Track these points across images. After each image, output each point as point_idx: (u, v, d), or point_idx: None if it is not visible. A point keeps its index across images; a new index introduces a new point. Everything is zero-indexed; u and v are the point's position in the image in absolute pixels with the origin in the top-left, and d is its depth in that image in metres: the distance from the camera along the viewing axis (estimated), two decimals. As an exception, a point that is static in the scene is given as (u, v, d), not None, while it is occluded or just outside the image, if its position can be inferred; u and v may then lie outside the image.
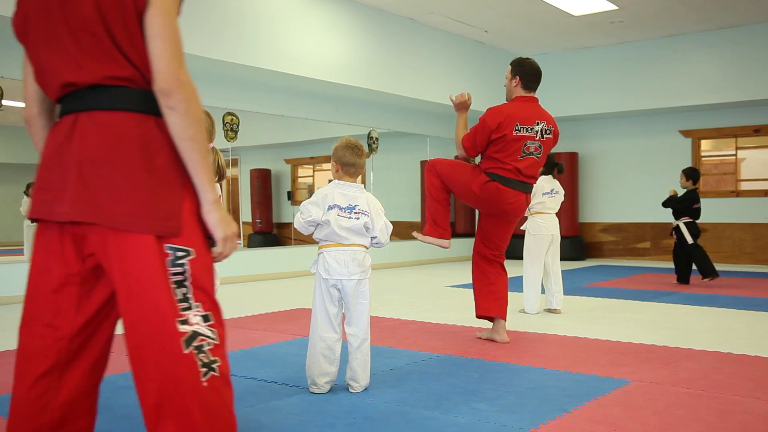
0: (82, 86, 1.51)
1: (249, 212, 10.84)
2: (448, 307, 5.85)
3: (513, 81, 4.25)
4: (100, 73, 1.50)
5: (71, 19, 1.49)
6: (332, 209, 3.04)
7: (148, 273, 1.48)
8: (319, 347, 3.06)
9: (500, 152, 4.08)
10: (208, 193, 1.56)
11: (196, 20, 7.03)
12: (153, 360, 1.51)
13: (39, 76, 1.59)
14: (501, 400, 2.97)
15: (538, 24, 9.85)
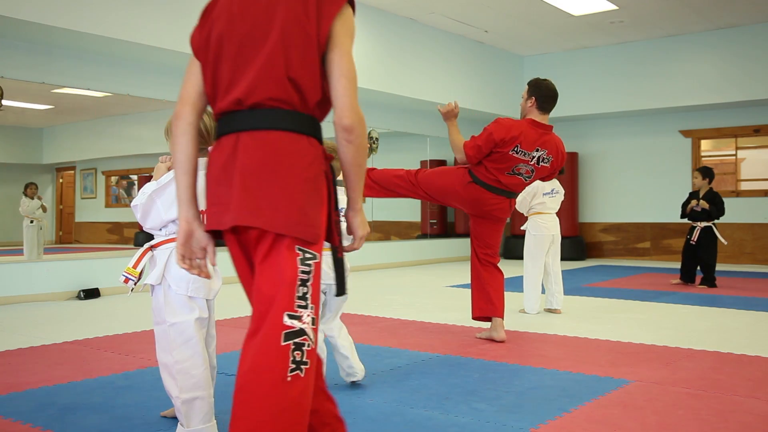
0: (248, 106, 1.69)
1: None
2: (448, 307, 5.85)
3: (529, 101, 4.29)
4: (266, 95, 1.67)
5: (258, 45, 1.69)
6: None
7: (281, 267, 1.65)
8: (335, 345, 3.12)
9: (492, 162, 4.18)
10: (358, 203, 1.82)
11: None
12: (255, 344, 1.67)
13: (211, 89, 1.75)
14: (501, 400, 2.97)
15: (538, 24, 9.85)
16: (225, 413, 2.76)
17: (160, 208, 2.34)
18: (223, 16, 1.75)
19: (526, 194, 5.58)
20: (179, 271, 2.33)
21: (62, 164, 9.93)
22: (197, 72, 1.78)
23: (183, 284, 2.34)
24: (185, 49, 6.92)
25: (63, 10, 6.00)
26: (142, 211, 2.37)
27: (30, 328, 4.96)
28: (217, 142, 1.76)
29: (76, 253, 9.03)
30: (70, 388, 3.20)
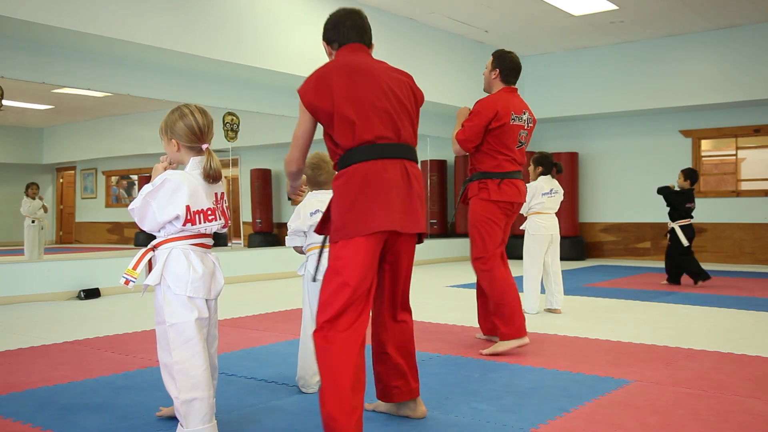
0: (398, 141, 2.47)
1: (249, 212, 10.84)
2: (448, 307, 5.84)
3: (493, 73, 4.15)
4: (409, 137, 2.54)
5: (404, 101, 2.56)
6: (315, 214, 3.08)
7: (412, 256, 2.60)
8: (312, 348, 3.07)
9: (500, 144, 3.99)
10: None
11: (196, 20, 7.03)
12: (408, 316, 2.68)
13: (349, 128, 2.39)
14: (501, 400, 2.97)
15: (539, 24, 9.85)
16: (226, 413, 2.77)
17: (155, 209, 2.33)
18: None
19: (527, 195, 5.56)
20: (178, 271, 2.34)
21: (62, 164, 9.93)
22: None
23: (182, 284, 2.33)
24: (184, 49, 6.94)
25: (63, 10, 6.00)
26: (139, 214, 2.37)
27: (30, 328, 4.96)
28: (383, 160, 2.41)
29: (76, 253, 9.03)
30: (71, 388, 3.20)
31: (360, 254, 2.34)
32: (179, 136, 2.40)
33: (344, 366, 2.29)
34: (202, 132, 2.41)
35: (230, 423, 2.66)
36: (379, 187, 2.37)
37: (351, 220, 2.35)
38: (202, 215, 2.38)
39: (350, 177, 2.38)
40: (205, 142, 2.43)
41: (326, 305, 2.34)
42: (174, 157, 2.45)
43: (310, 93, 2.42)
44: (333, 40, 2.64)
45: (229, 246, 9.17)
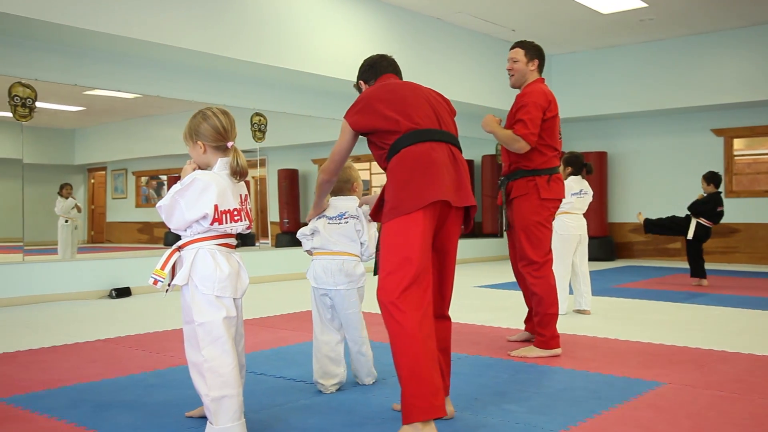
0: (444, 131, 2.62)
1: (276, 212, 10.89)
2: (476, 308, 5.82)
3: (531, 63, 3.99)
4: (452, 128, 2.69)
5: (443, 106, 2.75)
6: (320, 219, 3.14)
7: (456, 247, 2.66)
8: (324, 351, 3.12)
9: (550, 137, 3.88)
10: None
11: (225, 22, 7.09)
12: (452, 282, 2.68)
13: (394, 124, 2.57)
14: (531, 401, 2.95)
15: (567, 23, 9.76)
16: (254, 412, 2.79)
17: (183, 208, 2.36)
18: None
19: None
20: (205, 271, 2.36)
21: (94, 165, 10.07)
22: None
23: (209, 284, 2.36)
24: (213, 50, 7.01)
25: (94, 13, 6.09)
26: (166, 211, 2.40)
27: (64, 326, 5.05)
28: (431, 142, 2.54)
29: (107, 252, 9.16)
30: (103, 386, 3.25)
31: (419, 228, 2.42)
32: (204, 137, 2.43)
33: (420, 347, 2.32)
34: (226, 130, 2.45)
35: (259, 421, 2.68)
36: (430, 164, 2.49)
37: (407, 196, 2.44)
38: (229, 215, 2.41)
39: (401, 158, 2.51)
40: (230, 140, 2.46)
41: (391, 284, 2.37)
42: (200, 160, 2.47)
43: (356, 115, 2.65)
44: (370, 78, 2.96)
45: (256, 246, 9.24)
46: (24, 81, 6.43)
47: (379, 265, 2.46)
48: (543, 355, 3.84)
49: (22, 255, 6.59)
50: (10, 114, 6.40)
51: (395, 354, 2.36)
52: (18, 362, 3.79)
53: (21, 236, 6.67)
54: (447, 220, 2.56)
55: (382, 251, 2.46)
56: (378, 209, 2.64)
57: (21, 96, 6.42)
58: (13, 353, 4.03)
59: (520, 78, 4.04)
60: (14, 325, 5.12)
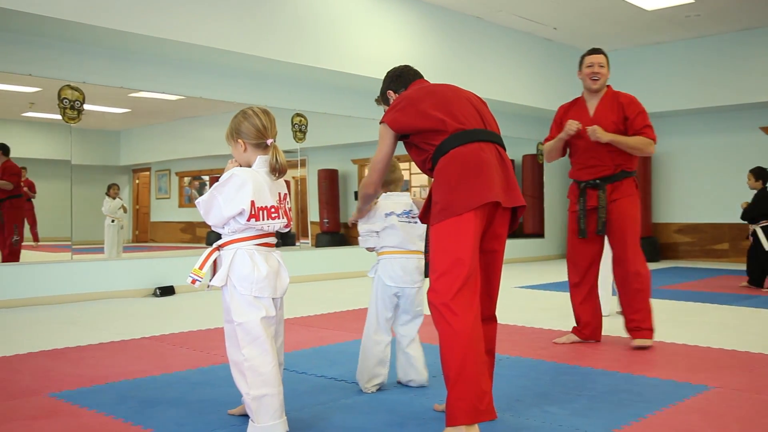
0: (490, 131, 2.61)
1: (317, 212, 10.96)
2: (516, 308, 5.77)
3: (608, 71, 4.21)
4: (496, 128, 2.66)
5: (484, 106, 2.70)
6: (390, 216, 3.11)
7: (504, 248, 2.63)
8: (375, 351, 3.10)
9: None
10: None
11: (265, 24, 7.16)
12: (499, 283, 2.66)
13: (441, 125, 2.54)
14: (573, 403, 2.91)
15: (610, 20, 9.62)
16: (296, 410, 2.81)
17: (221, 203, 2.39)
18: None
19: None
20: (242, 272, 2.38)
21: (138, 165, 10.27)
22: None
23: (247, 285, 2.38)
24: (254, 52, 7.08)
25: (140, 16, 6.21)
26: (205, 207, 2.43)
27: (110, 324, 5.16)
28: (478, 142, 2.52)
29: (151, 251, 9.33)
30: (149, 382, 3.31)
31: (470, 230, 2.41)
32: (245, 135, 2.48)
33: (469, 349, 2.31)
34: (266, 128, 2.50)
35: (302, 420, 2.69)
36: (480, 165, 2.47)
37: (457, 198, 2.43)
38: (266, 212, 2.43)
39: (451, 159, 2.48)
40: (269, 138, 2.50)
41: (443, 285, 2.36)
42: (242, 158, 2.52)
43: (398, 116, 2.61)
44: (399, 87, 2.90)
45: (297, 245, 9.31)
46: (72, 84, 6.59)
47: (430, 267, 2.44)
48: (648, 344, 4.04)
49: (71, 254, 6.76)
50: (60, 116, 6.57)
51: (444, 355, 2.35)
52: (67, 358, 3.89)
53: (69, 235, 6.83)
54: (494, 220, 2.53)
55: (433, 252, 2.44)
56: (426, 211, 2.60)
57: (70, 99, 6.58)
58: (62, 349, 4.14)
59: (604, 82, 4.24)
60: (63, 322, 5.26)
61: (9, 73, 6.24)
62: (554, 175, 12.06)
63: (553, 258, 12.03)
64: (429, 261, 2.47)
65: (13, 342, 4.43)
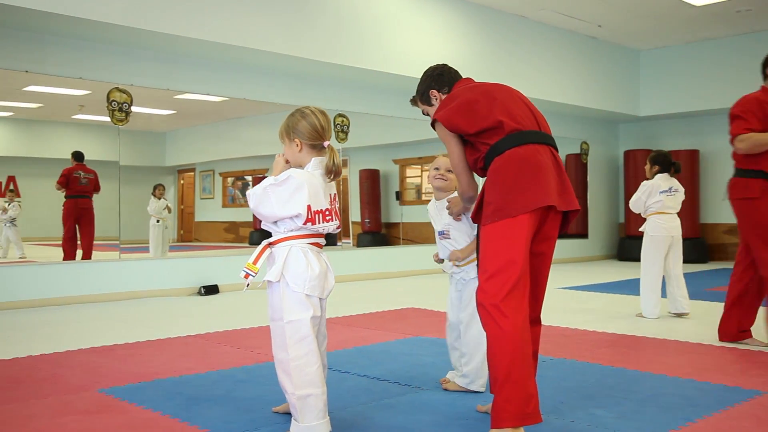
0: (542, 132, 2.56)
1: (358, 212, 11.00)
2: (560, 310, 5.70)
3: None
4: (549, 130, 2.61)
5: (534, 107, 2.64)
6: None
7: (553, 251, 2.58)
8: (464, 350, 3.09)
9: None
10: None
11: (308, 25, 7.21)
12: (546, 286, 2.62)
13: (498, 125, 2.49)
14: (619, 406, 2.86)
15: (656, 16, 9.44)
16: (339, 410, 2.82)
17: (274, 203, 2.39)
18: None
19: (641, 193, 5.37)
20: (297, 269, 2.39)
21: (183, 166, 10.45)
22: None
23: (300, 282, 2.38)
24: (297, 53, 7.13)
25: (186, 20, 6.31)
26: (256, 201, 2.42)
27: (156, 322, 5.26)
28: (533, 145, 2.48)
29: (196, 251, 9.48)
30: (195, 380, 3.36)
31: (524, 232, 2.38)
32: (302, 135, 2.46)
33: (518, 352, 2.30)
34: (324, 129, 2.48)
35: (344, 420, 2.70)
36: (536, 167, 2.44)
37: (512, 200, 2.40)
38: (321, 215, 2.43)
39: (507, 160, 2.45)
40: (326, 139, 2.49)
41: (494, 287, 2.34)
42: (295, 158, 2.50)
43: (452, 115, 2.56)
44: (443, 86, 2.84)
45: (338, 245, 9.35)
46: (121, 86, 6.74)
47: (480, 267, 2.41)
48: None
49: (119, 253, 6.91)
50: (108, 118, 6.72)
51: (491, 357, 2.34)
52: (116, 355, 3.98)
53: (117, 235, 6.99)
54: (546, 223, 2.50)
55: (483, 253, 2.42)
56: (478, 211, 2.56)
57: (118, 101, 6.72)
58: (111, 346, 4.23)
59: None
60: (112, 320, 5.38)
61: (61, 76, 6.40)
62: (597, 174, 11.89)
63: (596, 259, 11.85)
64: (479, 261, 2.44)
65: (64, 339, 4.55)
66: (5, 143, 7.96)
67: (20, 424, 2.68)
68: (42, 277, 6.26)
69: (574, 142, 11.51)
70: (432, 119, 2.68)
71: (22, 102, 7.45)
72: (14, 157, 8.00)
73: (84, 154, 7.45)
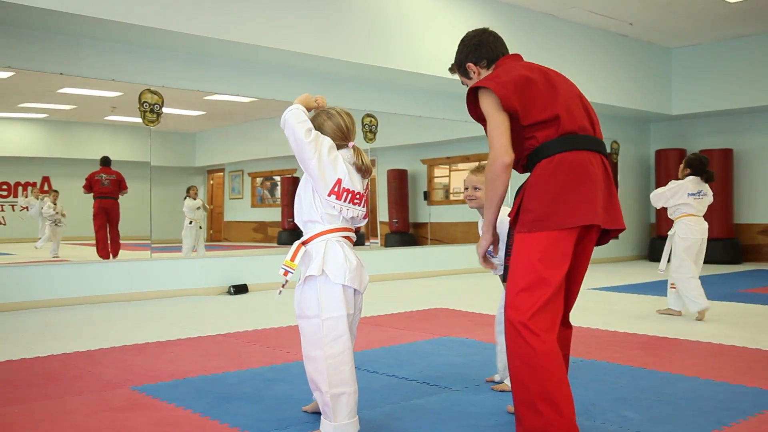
0: (594, 135, 2.35)
1: (386, 212, 11.00)
2: (590, 310, 5.65)
3: None
4: (601, 132, 2.39)
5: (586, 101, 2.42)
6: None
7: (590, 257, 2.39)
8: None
9: None
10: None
11: (336, 26, 7.23)
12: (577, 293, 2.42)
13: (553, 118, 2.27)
14: (652, 409, 2.82)
15: (689, 13, 9.30)
16: (368, 409, 2.82)
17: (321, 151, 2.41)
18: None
19: (667, 189, 5.35)
20: (336, 261, 2.39)
21: (212, 166, 10.54)
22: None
23: (341, 273, 2.38)
24: (325, 53, 7.16)
25: (215, 21, 6.37)
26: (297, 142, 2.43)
27: (187, 320, 5.32)
28: (581, 152, 2.27)
29: (225, 250, 9.57)
30: (225, 378, 3.39)
31: (560, 248, 2.21)
32: (328, 135, 2.49)
33: (555, 371, 2.13)
34: (349, 130, 2.52)
35: (374, 420, 2.71)
36: (585, 179, 2.24)
37: (554, 211, 2.21)
38: (350, 195, 2.44)
39: (556, 165, 2.24)
40: (351, 140, 2.53)
41: (524, 303, 2.16)
42: None
43: (510, 92, 2.24)
44: (482, 58, 2.55)
45: (366, 245, 9.37)
46: (152, 88, 6.82)
47: (510, 279, 2.25)
48: None
49: (150, 252, 7.00)
50: (140, 119, 6.81)
51: (523, 378, 2.14)
52: (147, 353, 4.03)
53: (149, 235, 7.08)
54: (586, 237, 2.32)
55: (515, 264, 2.24)
56: (515, 215, 2.34)
57: (149, 102, 6.81)
58: (143, 344, 4.29)
59: None
60: (144, 319, 5.45)
61: (94, 78, 6.51)
62: (628, 174, 11.75)
63: (628, 259, 11.71)
64: (510, 269, 2.28)
65: (97, 336, 4.62)
66: (40, 144, 8.11)
67: (57, 419, 2.73)
68: (76, 276, 6.37)
69: (605, 141, 11.38)
70: (474, 86, 2.34)
71: (57, 104, 7.58)
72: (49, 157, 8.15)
73: (110, 160, 7.59)
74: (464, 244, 9.72)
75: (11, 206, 7.91)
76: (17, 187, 8.03)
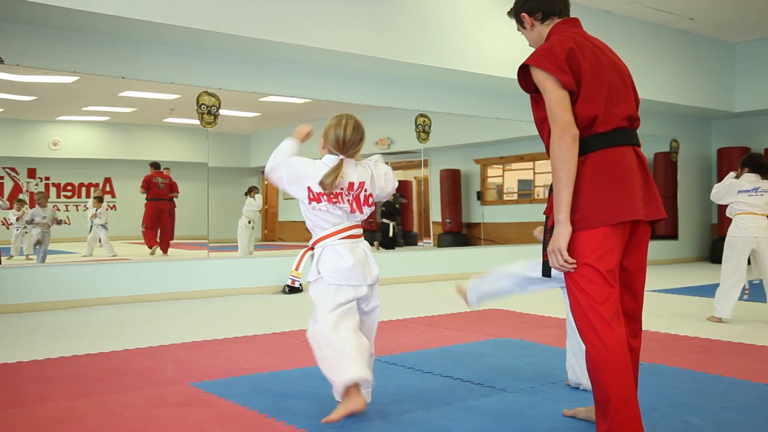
0: (630, 128, 2.32)
1: (439, 212, 10.97)
2: (649, 313, 5.48)
3: None
4: (637, 120, 2.35)
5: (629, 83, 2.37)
6: None
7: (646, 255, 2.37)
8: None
9: None
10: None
11: (389, 26, 7.24)
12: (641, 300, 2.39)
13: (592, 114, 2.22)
14: (716, 415, 2.74)
15: (752, 6, 8.99)
16: (423, 410, 2.81)
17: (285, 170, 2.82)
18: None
19: (722, 185, 5.29)
20: (329, 264, 2.69)
21: (268, 167, 10.72)
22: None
23: (334, 275, 2.68)
24: (378, 54, 7.18)
25: (270, 24, 6.46)
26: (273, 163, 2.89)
27: (244, 319, 5.40)
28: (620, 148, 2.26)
29: (280, 250, 9.69)
30: (281, 376, 3.43)
31: (607, 244, 2.18)
32: (328, 139, 2.77)
33: (623, 371, 2.13)
34: (345, 144, 2.73)
35: (429, 420, 2.70)
36: (621, 175, 2.22)
37: (594, 210, 2.18)
38: (326, 196, 2.69)
39: (590, 165, 2.22)
40: (344, 154, 2.73)
41: (594, 291, 2.16)
42: (320, 152, 2.82)
43: (566, 75, 2.19)
44: (537, 9, 2.41)
45: (419, 245, 9.35)
46: (210, 90, 6.96)
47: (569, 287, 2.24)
48: None
49: (207, 252, 7.14)
50: (198, 121, 6.95)
51: (602, 377, 2.13)
52: (205, 350, 4.11)
53: (206, 234, 7.22)
54: (635, 234, 2.29)
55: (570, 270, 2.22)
56: (551, 209, 2.30)
57: (207, 104, 6.95)
58: (201, 342, 4.37)
59: None
60: (201, 317, 5.56)
61: (154, 81, 6.67)
62: (688, 173, 11.43)
63: (687, 260, 11.40)
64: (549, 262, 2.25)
65: (157, 333, 4.73)
66: (102, 146, 8.36)
67: (120, 413, 2.81)
68: (135, 275, 6.54)
69: (663, 140, 11.11)
70: (529, 64, 2.26)
71: (118, 107, 7.82)
72: (110, 159, 8.39)
73: (160, 164, 7.84)
74: (518, 244, 9.62)
75: (75, 206, 8.18)
76: (80, 188, 8.30)
